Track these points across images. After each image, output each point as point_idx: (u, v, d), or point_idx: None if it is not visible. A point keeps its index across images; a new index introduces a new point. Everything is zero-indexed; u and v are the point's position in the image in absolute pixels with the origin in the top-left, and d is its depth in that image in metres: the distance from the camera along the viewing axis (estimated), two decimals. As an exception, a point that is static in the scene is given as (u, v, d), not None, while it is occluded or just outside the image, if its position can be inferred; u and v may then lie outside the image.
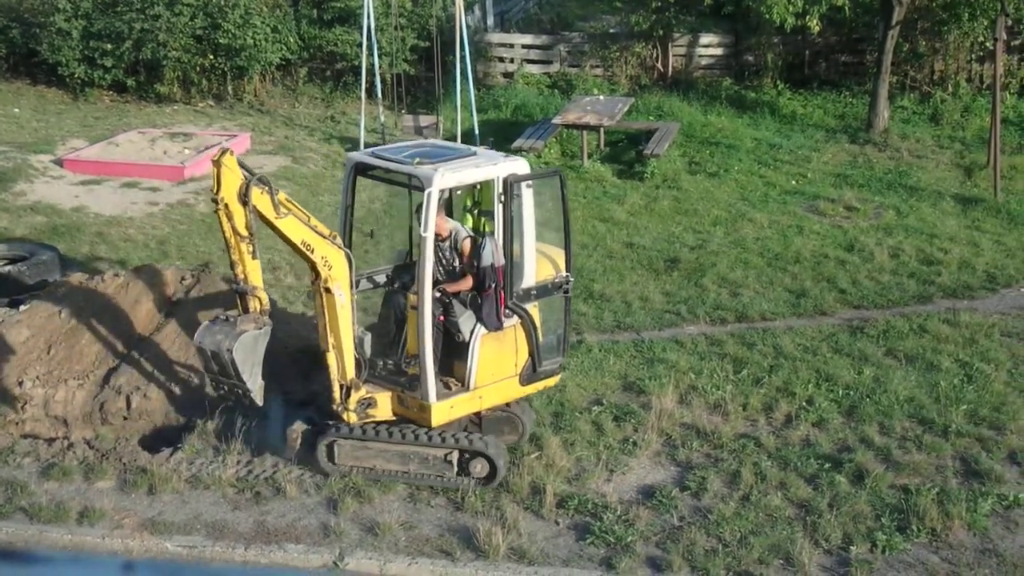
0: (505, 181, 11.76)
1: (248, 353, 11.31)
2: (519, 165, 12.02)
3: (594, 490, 12.14)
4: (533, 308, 12.39)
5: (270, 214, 11.13)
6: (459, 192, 12.63)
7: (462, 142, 21.90)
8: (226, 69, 27.75)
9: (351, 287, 11.78)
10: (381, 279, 12.97)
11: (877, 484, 12.08)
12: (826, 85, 28.16)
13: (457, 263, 12.28)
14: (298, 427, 12.49)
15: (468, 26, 25.60)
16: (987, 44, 25.64)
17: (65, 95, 28.25)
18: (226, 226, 11.01)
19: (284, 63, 28.10)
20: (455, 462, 12.13)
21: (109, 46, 27.07)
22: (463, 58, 23.88)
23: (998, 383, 14.32)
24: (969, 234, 19.84)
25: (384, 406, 12.27)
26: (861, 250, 19.07)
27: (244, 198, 10.88)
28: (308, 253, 11.45)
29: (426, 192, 11.35)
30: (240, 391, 11.54)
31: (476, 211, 12.89)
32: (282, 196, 11.28)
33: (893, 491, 12.02)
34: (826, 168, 23.66)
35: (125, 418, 13.20)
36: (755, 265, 18.46)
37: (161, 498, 12.11)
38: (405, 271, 12.68)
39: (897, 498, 11.86)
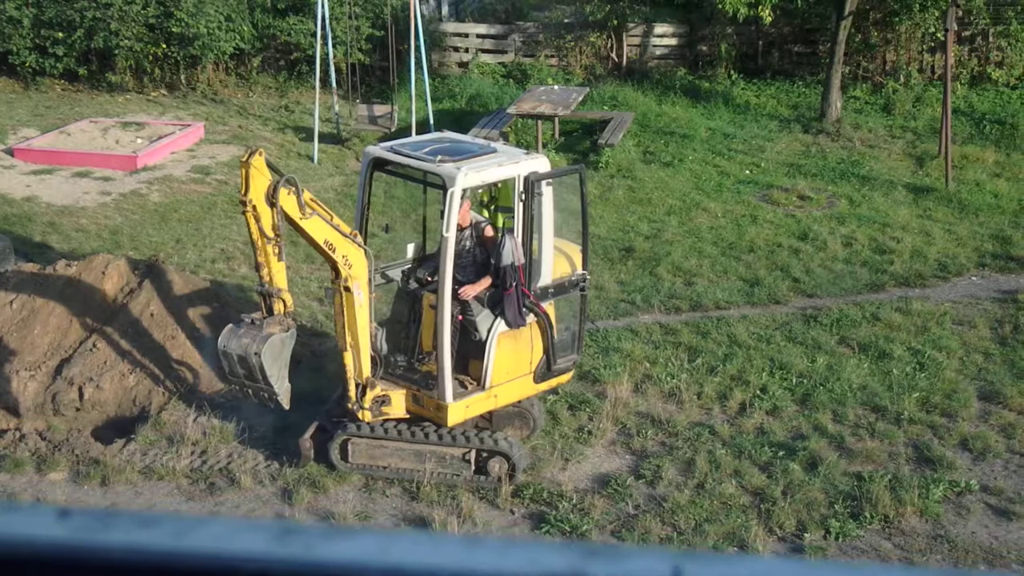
0: (526, 179, 11.63)
1: (275, 356, 11.23)
2: (540, 163, 11.92)
3: (549, 479, 12.17)
4: (549, 306, 12.31)
5: (296, 215, 11.03)
6: (479, 189, 12.52)
7: (417, 132, 21.91)
8: (179, 58, 27.57)
9: (369, 285, 11.72)
10: (395, 274, 12.80)
11: (830, 471, 12.17)
12: (779, 75, 28.27)
13: (478, 252, 12.11)
14: (309, 435, 12.33)
15: (423, 15, 25.58)
16: (938, 35, 25.82)
17: (16, 84, 27.99)
18: (253, 228, 10.91)
19: (238, 52, 27.94)
20: (473, 461, 12.06)
21: (60, 34, 26.84)
22: (418, 47, 23.82)
23: (949, 371, 14.45)
24: (921, 223, 19.98)
25: (398, 404, 12.18)
26: (814, 239, 19.18)
27: (272, 199, 10.79)
28: (330, 252, 11.36)
29: (449, 192, 11.22)
30: (266, 394, 11.46)
31: (493, 207, 12.79)
32: (307, 196, 11.20)
33: (846, 478, 12.12)
34: (779, 158, 23.76)
35: (78, 409, 13.12)
36: (709, 254, 18.53)
37: (114, 489, 12.04)
38: (420, 266, 12.56)
39: (850, 485, 11.96)
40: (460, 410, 11.93)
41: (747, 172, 22.97)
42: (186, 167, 22.39)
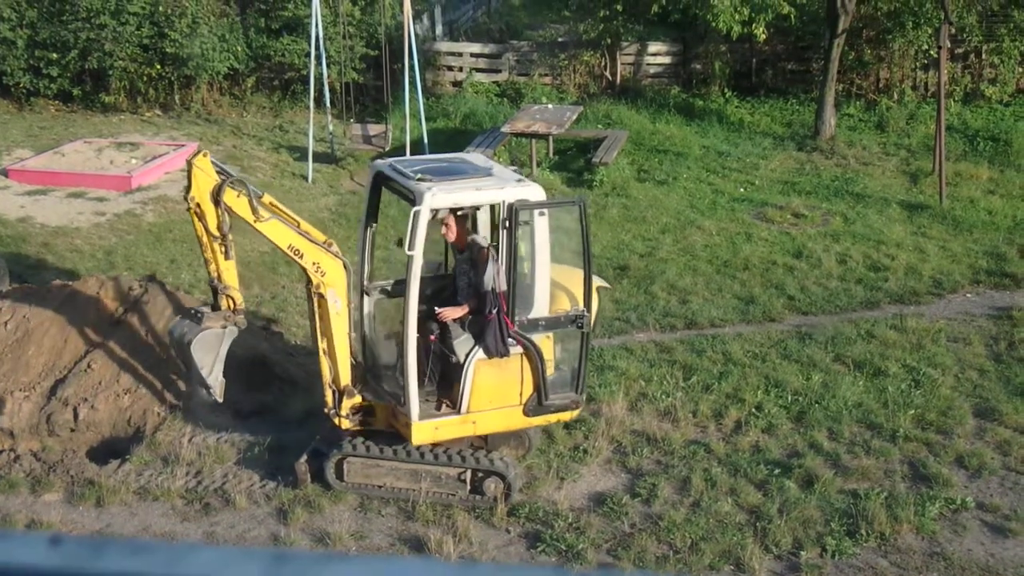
0: (511, 207, 11.21)
1: (207, 349, 11.46)
2: (530, 191, 11.43)
3: (545, 498, 12.14)
4: (546, 340, 11.99)
5: (248, 217, 11.09)
6: (461, 211, 12.07)
7: (411, 152, 21.92)
8: (173, 78, 27.60)
9: (348, 294, 11.69)
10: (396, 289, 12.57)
11: (826, 489, 12.14)
12: (773, 93, 28.29)
13: (472, 275, 11.87)
14: (305, 458, 12.32)
15: (417, 35, 25.57)
16: (931, 52, 25.87)
17: (10, 105, 28.01)
18: (198, 226, 11.09)
19: (232, 72, 27.95)
20: (468, 480, 11.99)
21: (55, 55, 26.88)
22: (412, 67, 23.84)
23: (945, 388, 14.44)
24: (915, 240, 19.99)
25: (381, 416, 12.17)
26: (809, 256, 19.18)
27: (217, 198, 10.90)
28: (297, 258, 11.41)
29: (413, 210, 11.04)
30: (201, 384, 11.68)
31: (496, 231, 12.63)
32: (267, 199, 11.24)
33: (842, 496, 12.10)
34: (774, 175, 23.78)
35: (72, 430, 13.09)
36: (704, 272, 18.53)
37: (109, 510, 12.01)
38: (428, 283, 12.33)
39: (846, 503, 11.94)
40: (427, 430, 11.76)
41: (741, 190, 22.98)
42: (180, 187, 22.25)
